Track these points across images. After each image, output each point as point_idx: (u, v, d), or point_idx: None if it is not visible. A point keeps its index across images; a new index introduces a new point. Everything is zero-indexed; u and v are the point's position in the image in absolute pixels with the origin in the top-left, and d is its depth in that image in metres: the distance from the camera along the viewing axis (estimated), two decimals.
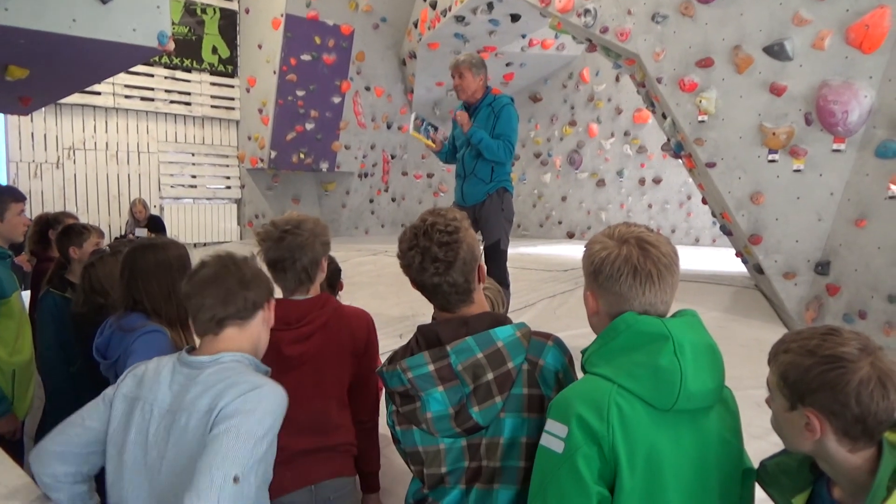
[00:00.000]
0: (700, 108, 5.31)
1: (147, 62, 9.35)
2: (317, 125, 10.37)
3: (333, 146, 10.70)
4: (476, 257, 1.65)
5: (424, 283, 1.63)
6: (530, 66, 11.28)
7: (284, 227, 2.03)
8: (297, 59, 9.83)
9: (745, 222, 5.19)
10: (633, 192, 11.20)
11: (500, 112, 4.44)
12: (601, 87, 11.35)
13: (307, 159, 10.47)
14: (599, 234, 1.57)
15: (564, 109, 11.91)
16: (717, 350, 1.48)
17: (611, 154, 11.38)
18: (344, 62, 10.31)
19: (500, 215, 4.48)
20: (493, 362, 1.56)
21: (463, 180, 4.58)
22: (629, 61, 5.93)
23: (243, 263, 1.67)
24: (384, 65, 11.13)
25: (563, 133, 11.87)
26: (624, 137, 11.21)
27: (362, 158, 11.32)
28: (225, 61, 10.47)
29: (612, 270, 1.47)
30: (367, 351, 2.05)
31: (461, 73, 4.46)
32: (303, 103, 10.10)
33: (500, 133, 4.42)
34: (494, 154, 4.41)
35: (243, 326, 1.64)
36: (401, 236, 1.67)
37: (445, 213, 1.66)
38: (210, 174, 10.57)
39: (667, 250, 1.50)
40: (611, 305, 1.50)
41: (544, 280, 6.80)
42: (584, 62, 11.46)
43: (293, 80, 9.90)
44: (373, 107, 11.17)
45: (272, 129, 10.05)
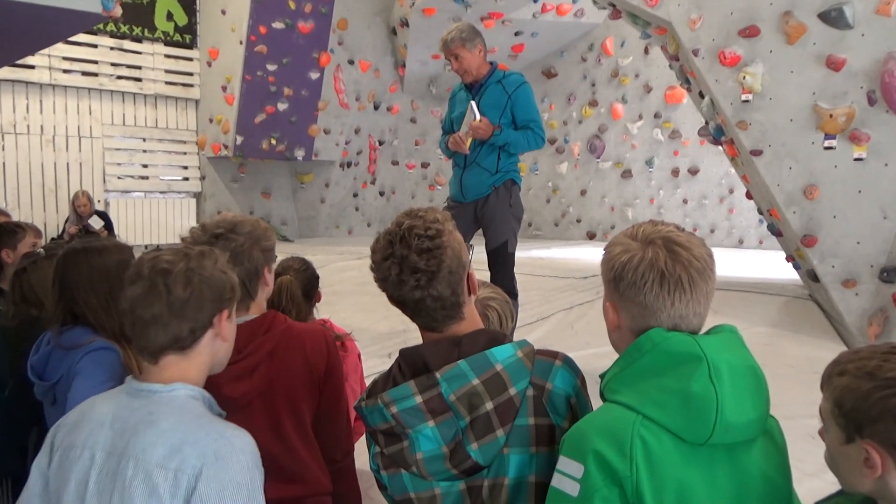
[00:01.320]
0: (744, 86, 5.32)
1: (90, 30, 9.36)
2: (291, 105, 10.39)
3: (311, 130, 10.72)
4: (464, 264, 1.64)
5: (404, 298, 1.62)
6: (543, 36, 11.31)
7: (215, 231, 1.99)
8: (268, 27, 9.85)
9: (797, 221, 5.21)
10: (664, 184, 11.23)
11: (516, 94, 4.43)
12: (627, 60, 11.38)
13: (279, 146, 10.49)
14: (620, 234, 1.56)
15: (584, 87, 11.94)
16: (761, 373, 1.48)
17: (638, 140, 11.41)
18: (323, 31, 10.33)
19: (507, 212, 4.46)
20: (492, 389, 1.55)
21: (463, 170, 4.56)
22: (660, 30, 5.95)
23: (180, 277, 1.59)
24: (371, 34, 11.15)
25: (583, 115, 11.90)
26: (654, 120, 11.24)
27: (345, 145, 11.34)
28: (182, 29, 10.49)
29: (635, 276, 1.47)
30: (329, 376, 2.02)
31: (456, 55, 4.42)
32: (274, 79, 10.12)
33: (526, 121, 4.42)
34: (525, 148, 4.43)
35: (186, 353, 1.64)
36: (373, 245, 1.66)
37: (425, 215, 1.65)
38: (164, 163, 10.58)
39: (700, 253, 1.49)
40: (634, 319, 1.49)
41: (559, 289, 6.81)
42: (607, 31, 11.49)
43: (263, 52, 9.93)
44: (357, 84, 11.19)
45: (238, 109, 10.06)
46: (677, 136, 11.02)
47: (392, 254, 1.61)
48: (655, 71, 11.09)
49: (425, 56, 11.07)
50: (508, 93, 4.44)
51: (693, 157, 10.94)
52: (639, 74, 11.32)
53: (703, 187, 10.90)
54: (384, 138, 12.06)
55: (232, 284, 1.67)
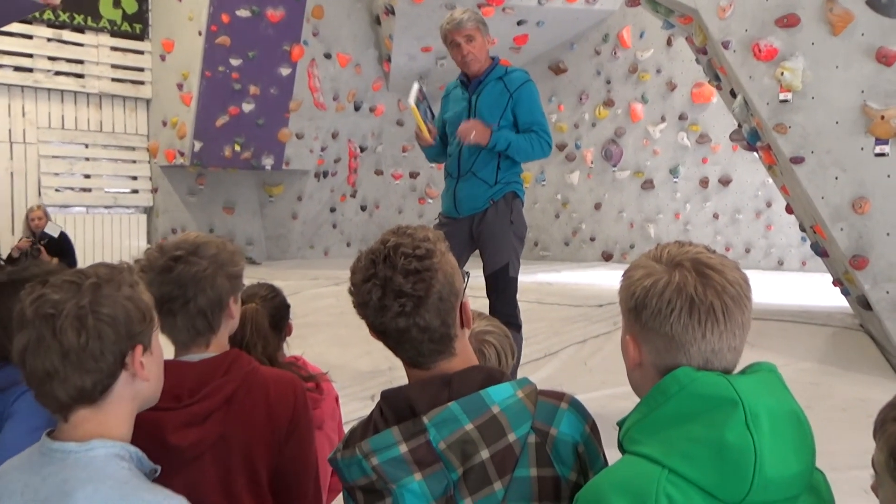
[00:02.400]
0: (782, 83, 5.37)
1: (24, 19, 9.38)
2: (258, 106, 10.43)
3: (281, 135, 10.75)
4: (456, 292, 1.66)
5: (386, 327, 1.62)
6: (551, 26, 11.41)
7: (174, 253, 1.99)
8: (232, 16, 9.91)
9: (846, 239, 5.23)
10: (692, 197, 11.28)
11: (519, 93, 4.47)
12: (647, 53, 11.48)
13: (244, 153, 10.51)
14: (642, 256, 1.57)
15: (597, 84, 12.03)
16: (805, 419, 1.48)
17: (661, 145, 11.48)
18: (296, 20, 10.40)
19: (508, 230, 4.48)
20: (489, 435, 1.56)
21: (456, 181, 4.59)
22: (685, 19, 6.01)
23: (69, 321, 1.52)
24: (351, 24, 11.22)
25: (596, 116, 11.98)
26: (679, 122, 11.32)
27: (320, 152, 11.37)
28: (131, 18, 10.53)
29: (660, 304, 1.48)
30: (294, 432, 2.01)
31: (470, 36, 4.45)
32: (239, 76, 10.16)
33: (530, 123, 4.45)
34: (530, 155, 4.46)
35: (99, 406, 1.62)
36: (354, 265, 1.67)
37: (414, 233, 1.66)
38: (110, 173, 10.58)
39: (734, 277, 1.50)
40: (659, 354, 1.49)
41: (571, 319, 6.80)
42: (624, 20, 11.60)
43: (226, 45, 9.97)
44: (335, 81, 11.25)
45: (196, 111, 10.09)
46: (706, 141, 11.09)
47: (374, 274, 1.62)
48: (680, 66, 11.18)
49: (414, 49, 11.13)
50: (510, 91, 4.47)
51: (724, 165, 11.00)
52: (661, 70, 11.41)
53: (736, 200, 10.96)
54: (366, 144, 12.10)
55: (144, 311, 1.62)
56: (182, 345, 2.04)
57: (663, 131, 11.43)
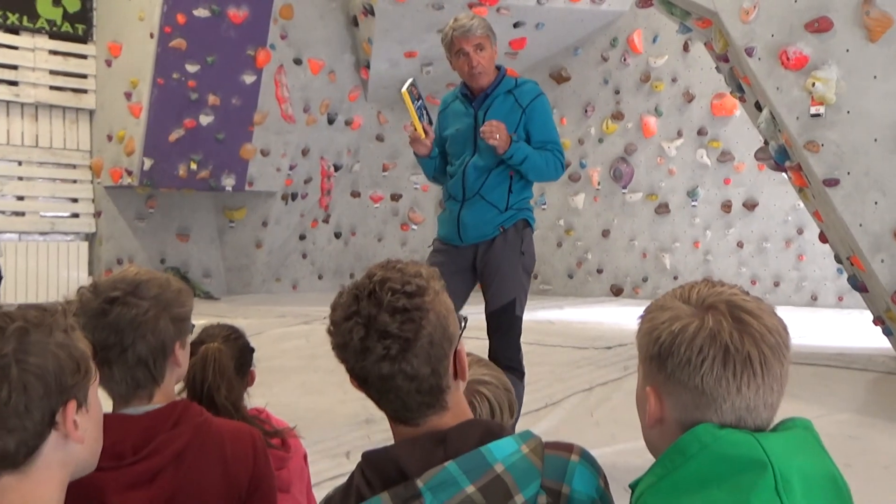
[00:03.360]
0: (813, 95, 5.40)
1: None
2: (218, 118, 10.43)
3: (244, 151, 10.75)
4: (450, 337, 1.66)
5: (368, 372, 1.63)
6: (552, 28, 11.49)
7: (110, 294, 1.99)
8: (188, 16, 9.94)
9: (887, 272, 5.25)
10: (712, 222, 11.31)
11: (532, 108, 4.51)
12: (661, 60, 11.56)
13: (202, 172, 10.50)
14: (668, 295, 1.57)
15: (605, 94, 12.10)
16: (844, 482, 1.48)
17: (678, 164, 11.53)
18: (261, 21, 10.44)
19: (517, 262, 4.49)
20: (493, 497, 1.55)
21: (461, 204, 4.58)
22: (703, 22, 6.06)
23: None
24: (324, 25, 11.26)
25: (604, 131, 12.04)
26: (697, 138, 11.38)
27: (289, 171, 11.37)
28: (73, 17, 10.55)
29: (689, 352, 1.47)
30: (255, 495, 2.01)
31: (480, 46, 4.48)
32: (196, 84, 10.18)
33: (544, 141, 4.49)
34: (544, 174, 4.50)
35: (24, 472, 1.58)
36: (335, 300, 1.69)
37: (404, 268, 1.67)
38: (47, 195, 10.54)
39: (773, 323, 1.50)
40: (686, 410, 1.49)
41: (575, 364, 6.77)
42: (635, 22, 11.69)
43: (181, 48, 10.00)
44: (306, 90, 11.27)
45: (147, 123, 10.09)
46: (728, 160, 11.15)
47: (357, 311, 1.63)
48: (698, 74, 11.26)
49: (396, 54, 11.18)
50: (522, 106, 4.50)
51: (749, 186, 11.06)
52: (677, 78, 11.49)
53: (763, 227, 11.00)
54: (341, 162, 12.10)
55: (79, 361, 1.59)
56: (121, 398, 2.02)
57: (680, 148, 11.48)
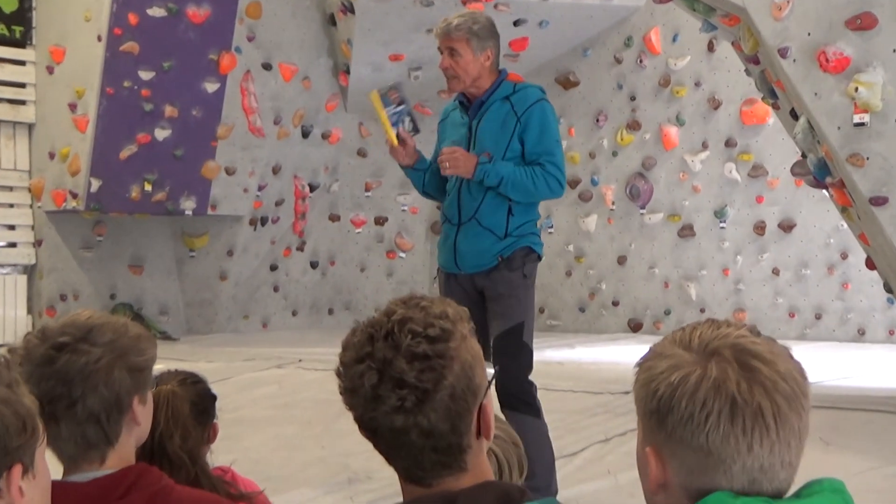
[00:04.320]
0: (856, 102, 5.41)
1: None
2: (176, 132, 10.43)
3: (206, 170, 10.74)
4: (475, 389, 1.67)
5: (378, 424, 1.63)
6: (557, 26, 11.51)
7: (58, 340, 2.00)
8: (142, 15, 9.95)
9: None
10: (744, 247, 11.29)
11: (528, 114, 4.55)
12: (682, 61, 11.58)
13: (157, 194, 10.48)
14: (666, 340, 1.56)
15: (618, 101, 12.10)
16: None
17: (703, 180, 11.52)
18: (225, 20, 10.45)
19: (520, 284, 4.61)
20: None
21: (457, 229, 4.65)
22: (730, 19, 6.07)
23: None
24: (297, 25, 11.27)
25: (618, 143, 12.04)
26: (725, 150, 11.37)
27: (258, 192, 11.35)
28: (9, 18, 10.54)
29: (691, 407, 1.46)
30: None
31: (452, 49, 4.55)
32: (151, 93, 10.18)
33: (537, 153, 4.53)
34: (532, 193, 4.55)
35: None
36: (347, 338, 1.70)
37: (428, 307, 1.68)
38: None
39: (787, 369, 1.48)
40: (690, 474, 1.48)
41: (589, 411, 6.72)
42: (652, 19, 11.72)
43: (133, 53, 10.01)
44: (277, 99, 11.27)
45: (94, 139, 10.08)
46: (761, 174, 11.14)
47: (371, 354, 1.63)
48: (725, 77, 11.27)
49: (379, 57, 11.19)
50: (518, 113, 4.54)
51: (785, 205, 11.06)
52: (700, 83, 11.50)
53: (802, 251, 10.99)
54: (318, 181, 12.09)
55: (25, 420, 1.59)
56: (70, 460, 2.02)
57: (705, 162, 11.48)
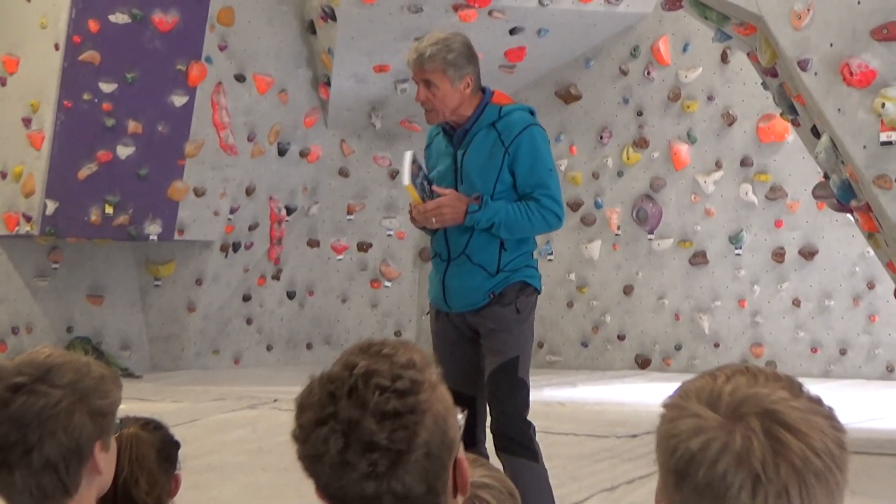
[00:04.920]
0: (883, 119, 5.42)
1: None
2: (140, 150, 10.43)
3: (172, 191, 10.74)
4: (450, 443, 1.67)
5: (347, 493, 1.63)
6: (558, 35, 11.54)
7: (14, 380, 2.02)
8: (103, 22, 9.98)
9: None
10: (761, 276, 11.29)
11: (518, 144, 4.62)
12: (693, 73, 11.62)
13: (119, 217, 10.48)
14: (691, 390, 1.56)
15: (624, 117, 12.13)
16: None
17: (717, 203, 11.53)
18: (194, 28, 10.48)
19: (513, 318, 4.66)
20: None
21: (446, 265, 4.73)
22: (745, 28, 6.09)
23: None
24: (273, 33, 11.29)
25: (624, 162, 12.05)
26: (741, 170, 11.39)
27: (229, 215, 11.34)
28: None
29: (710, 477, 1.45)
30: None
31: (428, 81, 4.62)
32: (112, 107, 10.19)
33: (531, 185, 4.62)
34: (528, 232, 4.69)
35: None
36: (302, 397, 1.69)
37: (393, 354, 1.67)
38: None
39: (823, 443, 1.47)
40: None
41: (594, 456, 6.73)
42: (660, 27, 11.77)
43: (94, 63, 10.03)
44: (251, 113, 11.28)
45: (50, 157, 10.08)
46: (779, 197, 11.16)
47: (334, 414, 1.62)
48: (740, 90, 11.31)
49: (363, 67, 11.20)
50: (505, 144, 4.61)
51: (807, 230, 11.07)
52: (713, 96, 11.53)
53: (825, 280, 11.00)
54: (296, 203, 12.08)
55: None
56: None
57: (719, 183, 11.49)
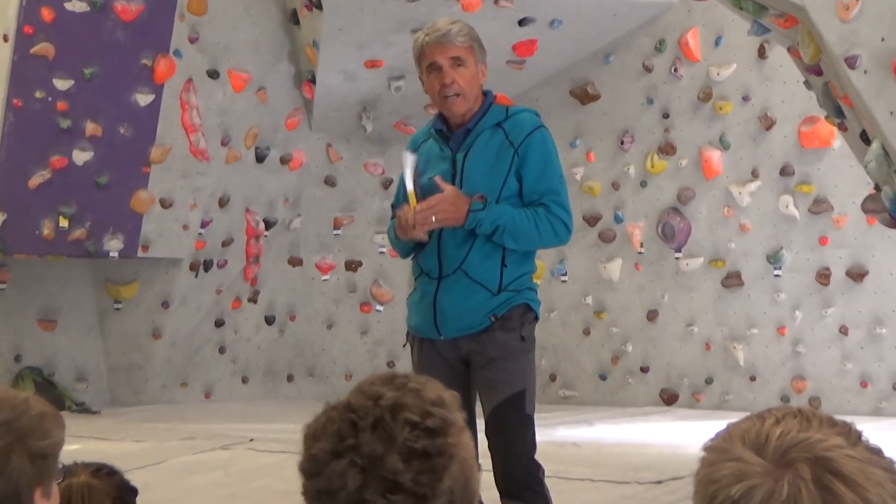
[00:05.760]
0: None
1: None
2: (100, 155, 10.45)
3: (135, 201, 10.75)
4: (472, 494, 1.73)
5: None
6: (573, 27, 11.57)
7: None
8: (58, 11, 10.02)
9: None
10: (803, 300, 11.28)
11: (526, 144, 4.68)
12: (727, 71, 11.63)
13: (76, 231, 10.49)
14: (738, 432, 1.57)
15: (648, 119, 12.14)
16: None
17: (753, 216, 11.53)
18: (162, 17, 10.52)
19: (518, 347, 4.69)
20: None
21: (437, 284, 4.74)
22: (785, 21, 6.08)
23: None
24: (251, 24, 11.32)
25: (648, 170, 12.06)
26: (780, 180, 11.39)
27: (200, 229, 11.34)
28: None
29: None
30: None
31: (459, 59, 4.65)
32: (68, 106, 10.22)
33: (540, 191, 4.68)
34: (535, 241, 4.70)
35: None
36: (316, 425, 1.74)
37: (421, 389, 1.74)
38: None
39: (879, 496, 1.49)
40: None
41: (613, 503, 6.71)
42: (689, 18, 11.79)
43: (48, 56, 10.06)
44: (225, 114, 11.30)
45: None
46: (824, 210, 11.15)
47: (355, 447, 1.66)
48: (780, 90, 11.31)
49: (353, 62, 11.22)
50: (514, 144, 4.67)
51: (855, 248, 11.06)
52: (749, 96, 11.53)
53: (875, 305, 10.99)
54: (276, 215, 12.09)
55: None
56: None
57: (755, 194, 11.49)
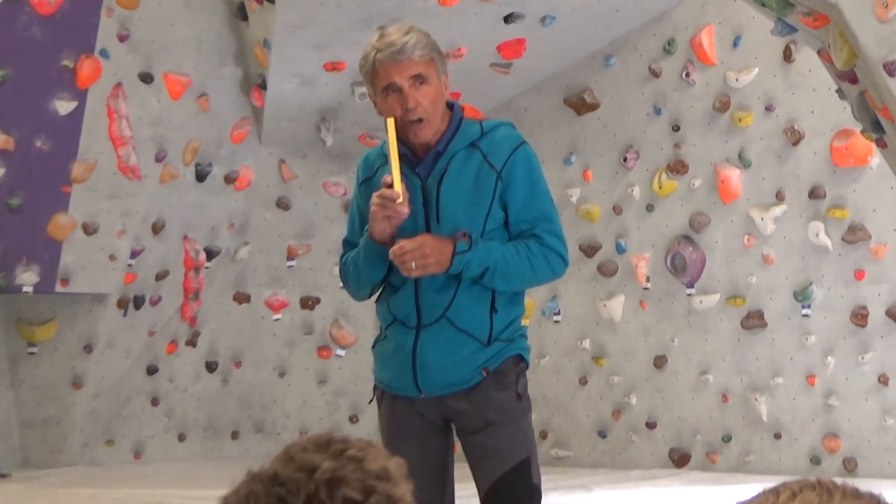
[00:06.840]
0: None
1: None
2: (11, 172, 10.50)
3: (53, 227, 10.78)
4: None
5: None
6: (568, 24, 11.64)
7: None
8: None
9: None
10: (836, 343, 11.32)
11: (510, 166, 4.74)
12: (747, 76, 11.70)
13: None
14: None
15: (656, 131, 12.19)
16: None
17: (778, 246, 11.57)
18: (86, 12, 10.58)
19: (517, 408, 4.86)
20: None
21: (416, 335, 4.79)
22: (814, 19, 6.11)
23: None
24: (191, 20, 11.37)
25: (656, 192, 12.10)
26: (809, 203, 11.44)
27: (130, 260, 11.33)
28: None
29: None
30: None
31: (421, 77, 4.67)
32: None
33: (531, 220, 4.76)
34: (529, 279, 4.79)
35: None
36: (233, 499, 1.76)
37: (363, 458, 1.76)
38: None
39: None
40: None
41: None
42: (702, 15, 11.86)
43: None
44: (160, 124, 11.32)
45: None
46: (860, 240, 11.20)
47: None
48: (808, 98, 11.36)
49: (311, 64, 11.24)
50: (496, 167, 4.73)
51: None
52: (773, 106, 11.58)
53: None
54: (219, 244, 12.11)
55: None
56: None
57: (781, 220, 11.53)
